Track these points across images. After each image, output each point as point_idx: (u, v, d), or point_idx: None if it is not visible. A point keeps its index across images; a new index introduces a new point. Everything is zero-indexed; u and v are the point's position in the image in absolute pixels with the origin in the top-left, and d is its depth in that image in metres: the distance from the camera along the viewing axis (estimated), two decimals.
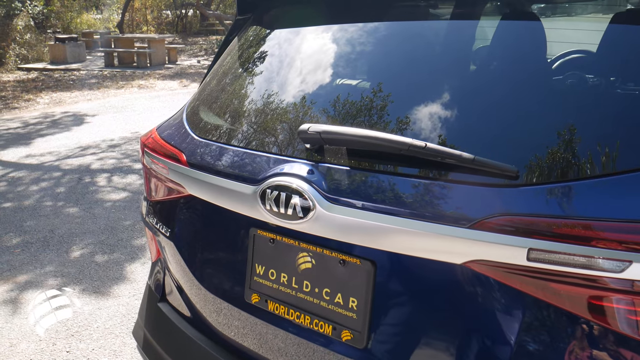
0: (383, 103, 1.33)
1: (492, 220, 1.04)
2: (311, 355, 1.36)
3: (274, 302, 1.41)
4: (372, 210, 1.18)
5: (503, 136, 1.16)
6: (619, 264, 0.94)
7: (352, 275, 1.26)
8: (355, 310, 1.26)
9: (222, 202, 1.47)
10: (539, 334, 1.05)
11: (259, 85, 1.67)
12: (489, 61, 1.38)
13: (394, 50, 1.50)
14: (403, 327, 1.21)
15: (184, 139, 1.67)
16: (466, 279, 1.10)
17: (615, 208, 0.97)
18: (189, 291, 1.69)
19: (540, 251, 1.00)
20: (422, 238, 1.12)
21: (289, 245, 1.37)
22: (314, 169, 1.29)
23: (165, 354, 1.76)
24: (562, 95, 1.19)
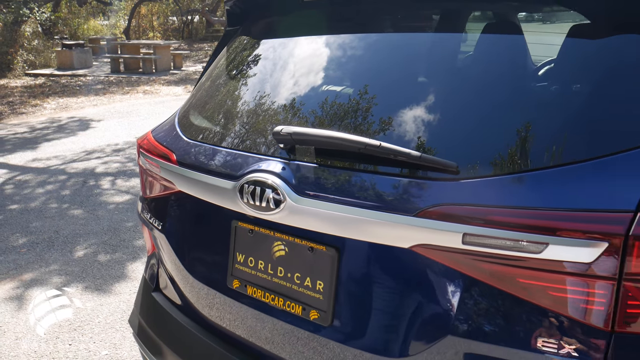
0: (358, 110, 1.49)
1: (434, 209, 1.19)
2: (284, 333, 1.51)
3: (252, 286, 1.57)
4: (335, 202, 1.33)
5: (449, 138, 1.31)
6: (538, 246, 1.09)
7: (319, 261, 1.41)
8: (322, 292, 1.41)
9: (207, 197, 1.62)
10: (474, 308, 1.19)
11: (243, 92, 1.83)
12: (448, 76, 1.52)
13: (374, 61, 1.65)
14: (362, 306, 1.36)
15: (175, 140, 1.83)
16: (413, 261, 1.25)
17: (535, 198, 1.12)
18: (179, 280, 1.85)
19: (473, 235, 1.15)
20: (376, 226, 1.27)
21: (265, 235, 1.52)
22: (286, 166, 1.44)
23: (157, 338, 1.92)
24: (498, 104, 1.34)
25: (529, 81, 1.34)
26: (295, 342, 1.49)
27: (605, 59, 1.26)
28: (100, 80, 14.99)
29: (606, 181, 1.10)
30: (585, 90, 1.25)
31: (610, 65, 1.24)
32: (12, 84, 14.43)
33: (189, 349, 1.79)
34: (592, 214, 1.07)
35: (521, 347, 1.15)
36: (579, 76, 1.29)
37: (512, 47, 1.47)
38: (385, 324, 1.33)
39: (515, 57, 1.43)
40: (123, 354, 3.11)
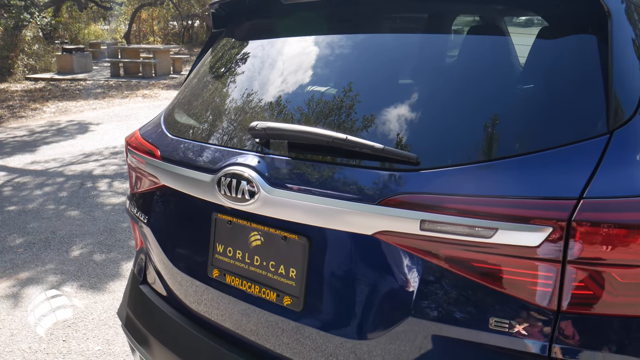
0: (331, 108, 1.56)
1: (394, 198, 1.27)
2: (259, 318, 1.59)
3: (230, 275, 1.64)
4: (306, 192, 1.41)
5: (412, 132, 1.39)
6: (489, 231, 1.17)
7: (292, 249, 1.48)
8: (294, 279, 1.48)
9: (188, 190, 1.70)
10: (433, 292, 1.27)
11: (225, 91, 1.91)
12: (409, 74, 1.60)
13: (347, 62, 1.72)
14: (332, 291, 1.44)
15: (159, 137, 1.91)
16: (376, 248, 1.33)
17: (486, 187, 1.20)
18: (164, 272, 1.92)
19: (430, 222, 1.22)
20: (343, 214, 1.34)
21: (243, 226, 1.60)
22: (261, 159, 1.52)
23: (144, 329, 1.99)
24: (454, 103, 1.42)
25: (486, 82, 1.42)
26: (270, 327, 1.57)
27: (554, 60, 1.34)
28: (100, 84, 15.10)
29: (554, 171, 1.17)
30: (534, 89, 1.34)
31: (557, 65, 1.32)
32: (12, 88, 14.53)
33: (173, 337, 1.87)
34: (538, 201, 1.15)
35: (476, 327, 1.22)
36: (531, 76, 1.37)
37: (488, 49, 1.54)
38: (353, 308, 1.40)
39: (481, 59, 1.51)
40: (115, 349, 3.18)
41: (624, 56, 1.25)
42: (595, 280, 1.13)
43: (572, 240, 1.12)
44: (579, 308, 1.15)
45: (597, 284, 1.13)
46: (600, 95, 1.22)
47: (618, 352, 1.15)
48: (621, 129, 1.19)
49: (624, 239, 1.10)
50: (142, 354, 1.99)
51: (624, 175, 1.15)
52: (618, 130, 1.19)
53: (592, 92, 1.24)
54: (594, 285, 1.13)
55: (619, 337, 1.16)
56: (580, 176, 1.14)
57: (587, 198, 1.12)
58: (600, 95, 1.22)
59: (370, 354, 1.38)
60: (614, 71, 1.23)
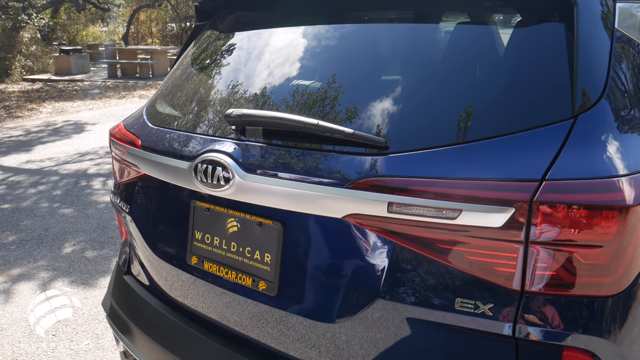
0: (305, 96, 1.58)
1: (363, 181, 1.29)
2: (235, 303, 1.60)
3: (208, 262, 1.66)
4: (280, 177, 1.43)
5: (381, 118, 1.40)
6: (453, 212, 1.18)
7: (267, 235, 1.50)
8: (269, 264, 1.50)
9: (167, 178, 1.72)
10: (400, 273, 1.28)
11: (205, 82, 1.93)
12: (387, 65, 1.63)
13: (325, 54, 1.74)
14: (305, 275, 1.46)
15: (141, 127, 1.93)
16: (346, 231, 1.35)
17: (451, 169, 1.22)
18: (145, 261, 1.94)
19: (397, 204, 1.24)
20: (314, 199, 1.36)
21: (220, 212, 1.62)
22: (237, 145, 1.54)
23: (127, 318, 2.01)
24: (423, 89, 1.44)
25: (452, 69, 1.45)
26: (245, 313, 1.58)
27: (524, 48, 1.37)
28: (97, 85, 15.12)
29: (518, 154, 1.19)
30: (501, 75, 1.36)
31: (526, 52, 1.34)
32: (9, 89, 14.55)
33: (154, 326, 1.88)
34: (501, 183, 1.17)
35: (442, 308, 1.24)
36: (499, 64, 1.40)
37: (461, 39, 1.57)
38: (325, 291, 1.42)
39: (450, 48, 1.53)
40: (105, 343, 3.19)
41: (589, 44, 1.28)
42: (557, 261, 1.15)
43: (534, 221, 1.14)
44: (542, 288, 1.17)
45: (559, 265, 1.15)
46: (565, 81, 1.25)
47: (582, 332, 1.17)
48: (585, 113, 1.21)
49: (586, 220, 1.12)
50: (126, 343, 2.00)
51: (587, 158, 1.17)
52: (582, 114, 1.21)
53: (557, 78, 1.26)
54: (557, 265, 1.15)
55: (582, 317, 1.17)
56: (543, 159, 1.16)
57: (549, 180, 1.14)
58: (565, 81, 1.25)
59: (340, 336, 1.40)
60: (579, 58, 1.25)
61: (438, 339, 1.28)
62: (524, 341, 1.19)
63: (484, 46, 1.45)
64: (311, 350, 1.46)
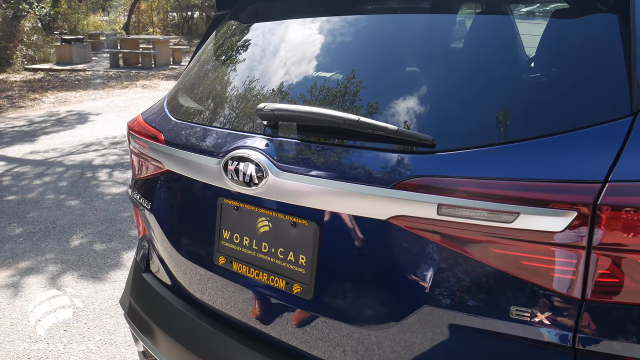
0: (339, 90, 1.51)
1: (410, 181, 1.22)
2: (268, 307, 1.54)
3: (237, 262, 1.59)
4: (316, 176, 1.35)
5: (426, 114, 1.33)
6: (510, 215, 1.11)
7: (302, 235, 1.43)
8: (304, 266, 1.43)
9: (194, 175, 1.65)
10: (450, 278, 1.21)
11: (230, 74, 1.85)
12: (427, 57, 1.55)
13: (356, 45, 1.67)
14: (343, 278, 1.39)
15: (163, 121, 1.86)
16: (391, 233, 1.28)
17: (507, 169, 1.14)
18: (167, 259, 1.87)
19: (448, 206, 1.17)
20: (355, 198, 1.29)
21: (250, 211, 1.55)
22: (269, 142, 1.47)
23: (147, 318, 1.94)
24: (473, 83, 1.37)
25: (505, 62, 1.37)
26: (278, 316, 1.52)
27: (573, 40, 1.29)
28: (99, 74, 15.02)
29: (577, 153, 1.12)
30: (554, 70, 1.28)
31: (577, 45, 1.27)
32: (11, 78, 14.46)
33: (178, 327, 1.82)
34: (562, 184, 1.09)
35: (495, 316, 1.17)
36: (551, 57, 1.32)
37: (495, 33, 1.49)
38: (365, 296, 1.35)
39: (495, 41, 1.45)
40: (117, 339, 3.14)
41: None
42: (621, 268, 1.08)
43: (597, 226, 1.07)
44: (604, 296, 1.10)
45: (623, 272, 1.08)
46: (622, 75, 1.17)
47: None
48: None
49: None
50: (146, 343, 1.94)
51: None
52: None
53: (614, 72, 1.19)
54: (620, 272, 1.08)
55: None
56: (604, 159, 1.09)
57: (612, 181, 1.07)
58: (622, 75, 1.17)
59: (380, 344, 1.33)
60: (636, 50, 1.18)
61: (489, 349, 1.21)
62: (584, 352, 1.12)
63: (533, 37, 1.38)
64: (346, 356, 1.40)
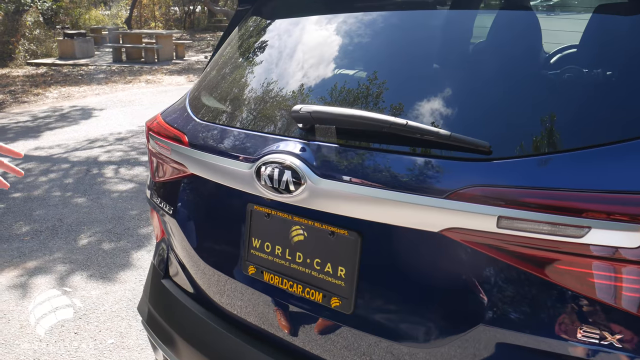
0: (376, 90, 1.42)
1: (466, 191, 1.13)
2: (303, 321, 1.45)
3: (269, 273, 1.50)
4: (358, 183, 1.27)
5: (478, 117, 1.24)
6: (580, 230, 1.02)
7: (341, 246, 1.34)
8: (344, 279, 1.35)
9: (222, 180, 1.56)
10: (510, 296, 1.13)
11: (257, 72, 1.76)
12: (471, 53, 1.46)
13: (389, 41, 1.58)
14: (387, 293, 1.30)
15: (186, 122, 1.76)
16: (443, 246, 1.19)
17: (575, 179, 1.05)
18: (190, 266, 1.79)
19: (509, 219, 1.08)
20: (403, 208, 1.20)
21: (283, 219, 1.46)
22: (306, 146, 1.37)
23: (168, 326, 1.86)
24: (533, 83, 1.28)
25: (571, 60, 1.28)
26: (314, 331, 1.43)
27: (637, 38, 1.19)
28: (102, 69, 14.90)
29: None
30: (621, 71, 1.19)
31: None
32: (14, 73, 14.35)
33: (202, 338, 1.74)
34: (636, 196, 1.00)
35: (560, 337, 1.09)
36: (611, 57, 1.22)
37: (534, 30, 1.40)
38: (412, 311, 1.26)
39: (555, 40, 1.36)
40: (129, 342, 3.06)
41: None
42: None
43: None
44: None
45: None
46: None
47: None
48: None
49: None
50: (167, 353, 1.86)
51: None
52: None
53: None
54: None
55: None
56: None
57: None
58: None
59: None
60: None
61: None
62: None
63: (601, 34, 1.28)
64: None
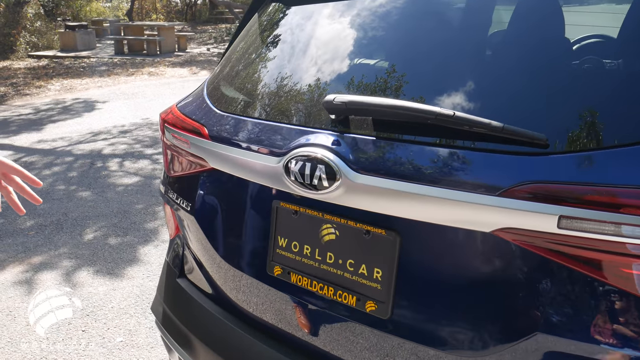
0: (407, 79, 1.33)
1: (522, 188, 1.03)
2: (334, 326, 1.36)
3: (296, 274, 1.41)
4: (398, 179, 1.17)
5: (532, 106, 1.14)
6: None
7: (377, 246, 1.25)
8: (380, 281, 1.25)
9: (245, 175, 1.47)
10: (569, 303, 1.04)
11: (281, 60, 1.66)
12: (517, 35, 1.36)
13: (416, 28, 1.49)
14: (429, 298, 1.21)
15: (205, 113, 1.67)
16: (495, 248, 1.09)
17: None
18: (209, 265, 1.70)
19: (572, 219, 0.98)
20: (449, 207, 1.11)
21: (312, 216, 1.37)
22: (339, 139, 1.28)
23: (184, 328, 1.77)
24: (593, 69, 1.18)
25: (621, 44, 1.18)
26: (347, 336, 1.34)
27: None
28: (104, 61, 14.79)
29: None
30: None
31: None
32: (15, 65, 14.24)
33: (222, 341, 1.65)
34: None
35: (628, 347, 1.00)
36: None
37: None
38: (456, 318, 1.17)
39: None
40: (138, 340, 2.98)
41: None
42: None
43: None
44: None
45: None
46: None
47: None
48: None
49: None
50: (183, 355, 1.77)
51: None
52: None
53: None
54: None
55: None
56: None
57: None
58: None
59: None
60: None
61: None
62: None
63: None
64: None
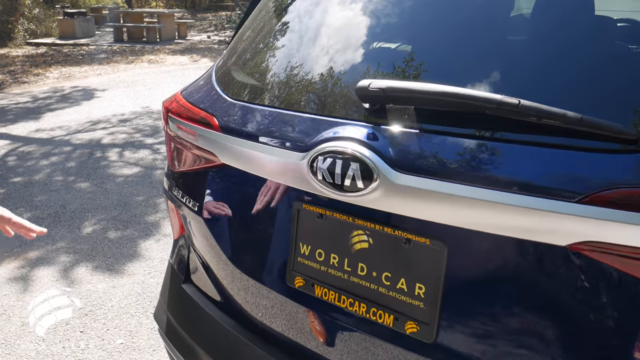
0: (456, 59, 1.15)
1: (608, 194, 0.85)
2: (367, 348, 1.18)
3: (321, 286, 1.23)
4: (449, 181, 0.99)
5: (614, 95, 0.96)
6: None
7: (419, 258, 1.07)
8: (423, 299, 1.07)
9: (262, 172, 1.29)
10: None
11: (302, 42, 1.47)
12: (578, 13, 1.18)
13: (445, 9, 1.31)
14: (482, 320, 1.03)
15: (214, 102, 1.48)
16: (571, 265, 0.91)
17: None
18: (219, 272, 1.52)
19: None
20: (513, 214, 0.93)
21: (340, 221, 1.18)
22: (376, 132, 1.10)
23: (191, 340, 1.60)
24: None
25: None
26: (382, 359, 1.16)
27: None
28: (104, 49, 14.54)
29: None
30: None
31: None
32: (13, 53, 14.01)
33: (230, 354, 1.48)
34: None
35: None
36: None
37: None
38: (517, 345, 0.99)
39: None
40: (140, 342, 2.81)
41: None
42: None
43: None
44: None
45: None
46: None
47: None
48: None
49: None
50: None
51: None
52: None
53: None
54: None
55: None
56: None
57: None
58: None
59: None
60: None
61: None
62: None
63: None
64: None
